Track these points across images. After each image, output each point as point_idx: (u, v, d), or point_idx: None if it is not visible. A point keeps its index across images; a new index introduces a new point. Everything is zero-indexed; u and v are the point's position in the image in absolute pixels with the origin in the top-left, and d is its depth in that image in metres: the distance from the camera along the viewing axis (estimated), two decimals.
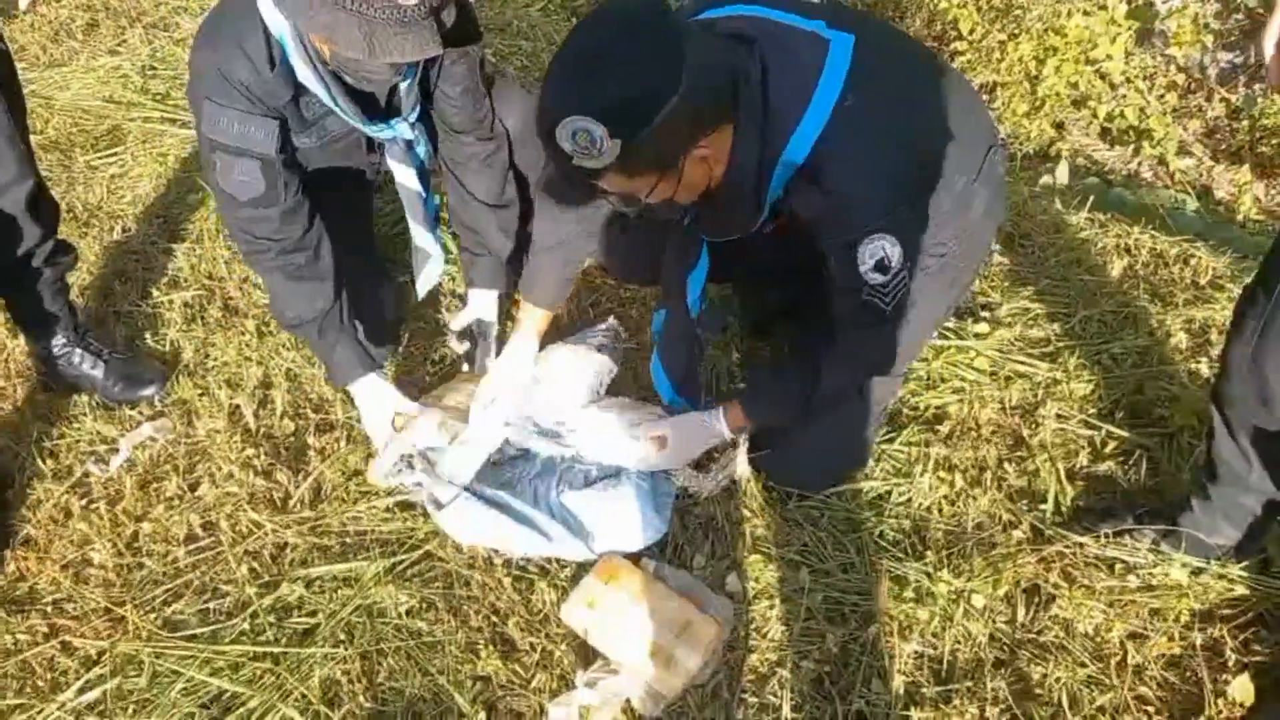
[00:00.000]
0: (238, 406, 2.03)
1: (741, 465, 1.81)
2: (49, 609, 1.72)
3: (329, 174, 1.89)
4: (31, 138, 1.94)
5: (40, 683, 1.61)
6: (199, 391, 2.08)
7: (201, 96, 1.63)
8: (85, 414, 2.05)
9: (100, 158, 2.81)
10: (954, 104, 1.49)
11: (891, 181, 1.40)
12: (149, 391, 2.07)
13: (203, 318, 2.27)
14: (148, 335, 2.23)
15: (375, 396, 1.88)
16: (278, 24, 1.58)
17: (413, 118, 1.79)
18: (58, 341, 2.04)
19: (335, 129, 1.79)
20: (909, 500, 1.79)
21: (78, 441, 2.00)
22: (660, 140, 1.26)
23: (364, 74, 1.60)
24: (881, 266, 1.40)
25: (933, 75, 1.52)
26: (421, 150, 1.88)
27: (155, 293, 2.35)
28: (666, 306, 1.84)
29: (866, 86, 1.36)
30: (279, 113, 1.67)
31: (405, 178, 1.89)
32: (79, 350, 2.05)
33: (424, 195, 1.93)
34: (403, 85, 1.71)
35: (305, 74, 1.62)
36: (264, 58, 1.60)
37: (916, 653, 1.57)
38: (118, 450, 1.97)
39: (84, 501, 1.89)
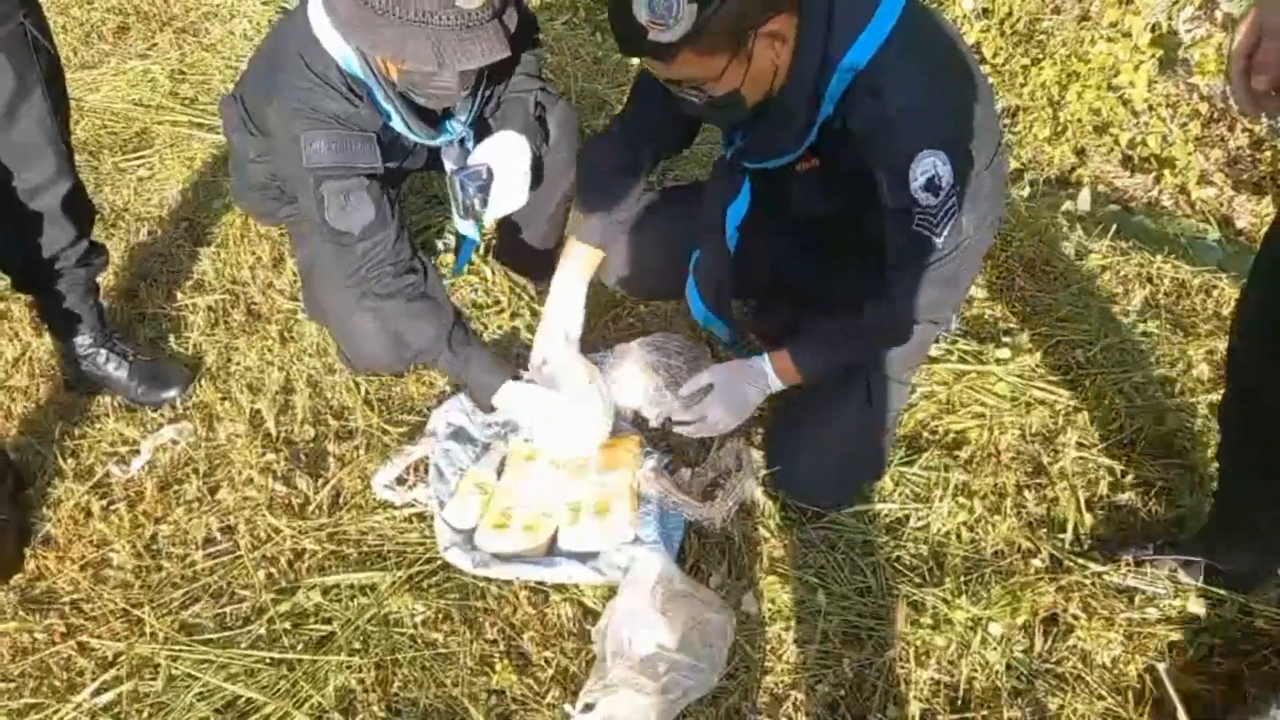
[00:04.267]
0: (259, 411, 2.04)
1: (750, 488, 1.81)
2: (67, 609, 1.73)
3: None
4: None
5: (56, 683, 1.62)
6: (220, 395, 2.09)
7: (295, 134, 1.61)
8: (108, 415, 2.07)
9: (128, 160, 2.84)
10: (981, 86, 1.51)
11: (948, 103, 1.42)
12: (171, 394, 2.08)
13: (226, 322, 2.29)
14: (171, 338, 2.25)
15: (524, 399, 1.80)
16: (343, 54, 1.59)
17: (463, 117, 1.81)
18: (83, 341, 2.06)
19: (405, 145, 1.81)
20: (927, 525, 1.79)
21: (99, 442, 2.02)
22: (733, 8, 1.29)
23: (433, 90, 1.60)
24: (932, 185, 1.39)
25: (967, 51, 1.54)
26: (471, 144, 1.89)
27: (180, 296, 2.37)
28: (703, 242, 1.83)
29: (921, 25, 1.41)
30: (374, 134, 1.68)
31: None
32: (104, 351, 2.06)
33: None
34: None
35: (379, 100, 1.64)
36: (348, 91, 1.61)
37: (933, 680, 1.57)
38: (139, 452, 1.98)
39: (104, 502, 1.90)
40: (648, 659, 1.52)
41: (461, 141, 1.85)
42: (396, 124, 1.70)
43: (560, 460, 1.84)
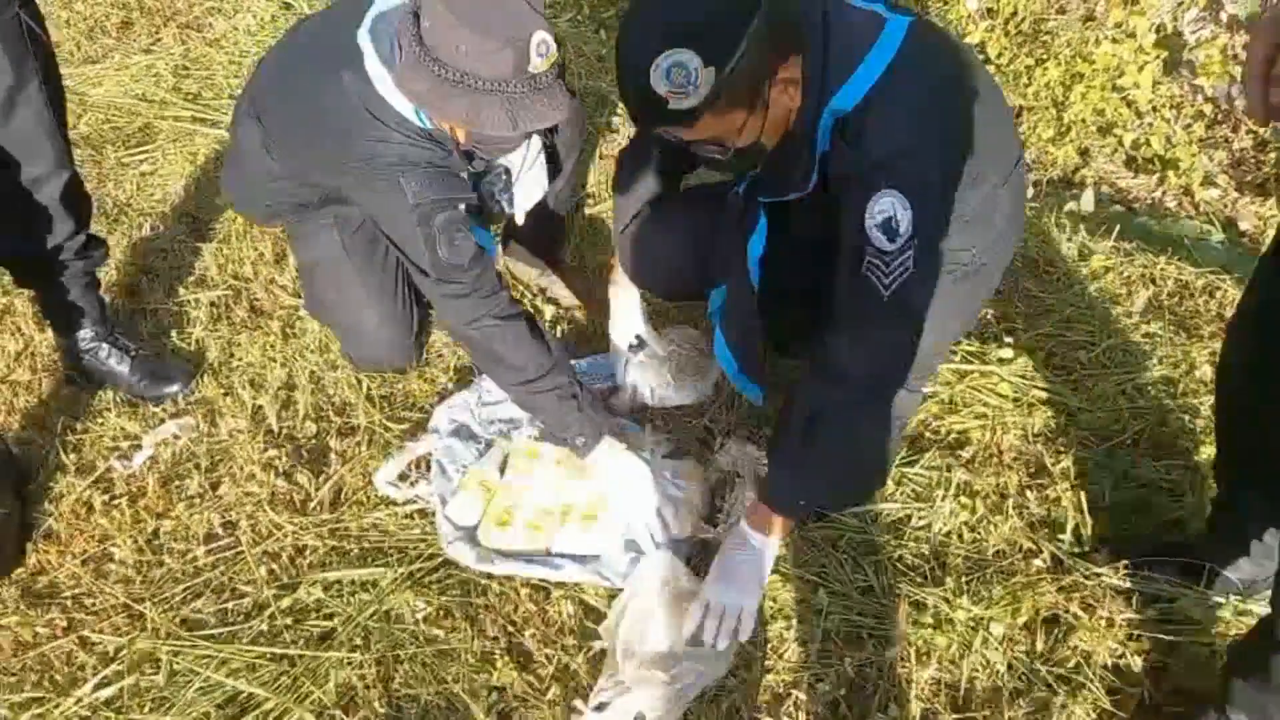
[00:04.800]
0: (260, 407, 2.04)
1: (750, 497, 1.80)
2: (68, 603, 1.73)
3: None
4: None
5: (58, 677, 1.62)
6: (223, 391, 2.09)
7: (394, 179, 1.63)
8: (110, 409, 2.07)
9: (131, 155, 2.84)
10: (992, 105, 1.50)
11: (923, 149, 1.39)
12: (174, 389, 2.08)
13: (228, 317, 2.29)
14: (173, 333, 2.25)
15: (615, 455, 1.78)
16: (409, 108, 1.61)
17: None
18: (85, 335, 2.06)
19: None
20: (929, 525, 1.78)
21: (101, 437, 2.02)
22: (748, 65, 1.28)
23: (498, 146, 1.65)
24: (888, 228, 1.36)
25: (977, 73, 1.52)
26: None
27: (182, 291, 2.37)
28: (725, 280, 1.81)
29: (917, 62, 1.39)
30: (461, 174, 1.74)
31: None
32: (106, 345, 2.07)
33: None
34: None
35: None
36: (434, 142, 1.65)
37: (934, 679, 1.57)
38: (141, 447, 1.98)
39: (106, 497, 1.90)
40: (658, 657, 1.52)
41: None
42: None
43: (563, 459, 1.85)
